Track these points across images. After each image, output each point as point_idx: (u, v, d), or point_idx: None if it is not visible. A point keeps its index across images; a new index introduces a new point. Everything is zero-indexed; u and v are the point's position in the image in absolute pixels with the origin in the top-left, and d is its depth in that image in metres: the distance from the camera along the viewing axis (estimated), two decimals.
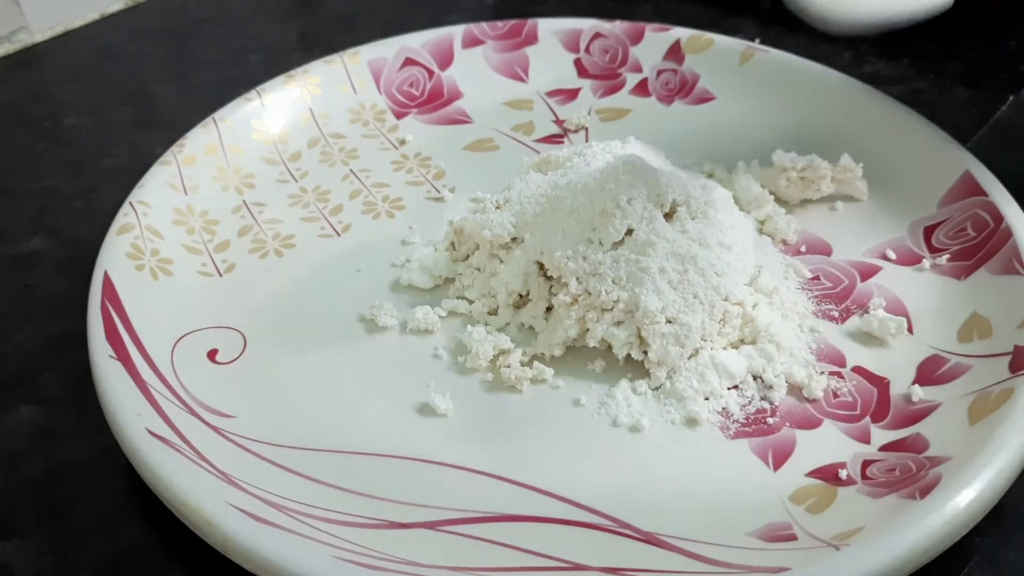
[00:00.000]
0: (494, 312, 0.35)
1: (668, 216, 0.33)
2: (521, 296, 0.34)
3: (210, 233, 0.38)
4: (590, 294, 0.32)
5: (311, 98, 0.44)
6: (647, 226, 0.32)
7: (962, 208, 0.36)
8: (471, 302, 0.35)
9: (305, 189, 0.41)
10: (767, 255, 0.36)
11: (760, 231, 0.38)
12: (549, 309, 0.34)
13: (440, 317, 0.34)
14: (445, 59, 0.47)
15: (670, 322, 0.32)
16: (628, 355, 0.32)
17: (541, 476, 0.29)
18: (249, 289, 0.36)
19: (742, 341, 0.33)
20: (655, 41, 0.46)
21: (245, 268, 0.37)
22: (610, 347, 0.32)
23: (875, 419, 0.30)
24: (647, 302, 0.31)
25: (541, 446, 0.30)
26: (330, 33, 0.55)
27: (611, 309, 0.32)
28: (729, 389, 0.32)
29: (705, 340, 0.32)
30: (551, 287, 0.34)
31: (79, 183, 0.43)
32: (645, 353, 0.32)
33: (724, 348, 0.32)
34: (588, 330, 0.32)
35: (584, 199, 0.33)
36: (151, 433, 0.27)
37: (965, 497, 0.25)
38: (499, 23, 0.47)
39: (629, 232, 0.32)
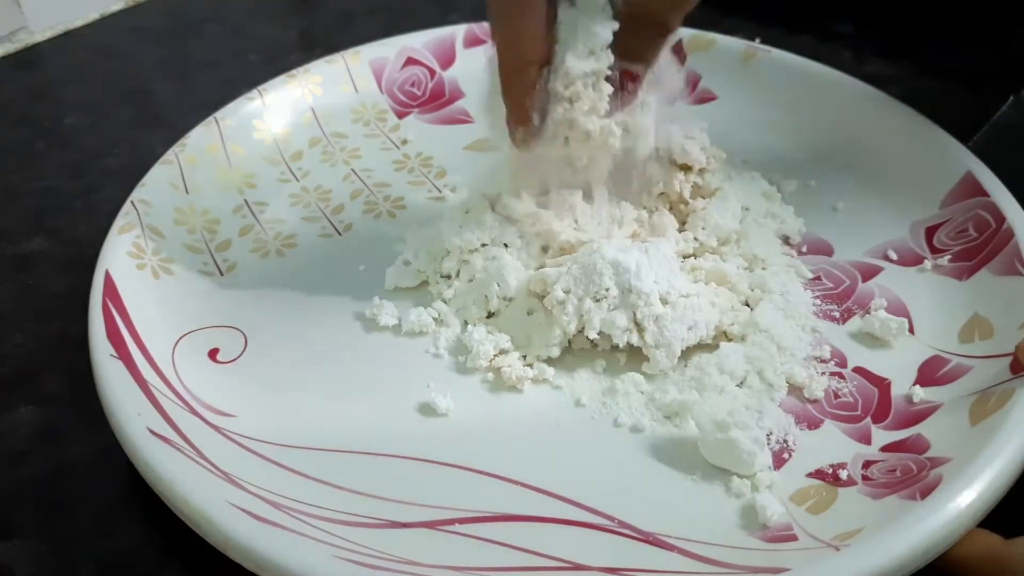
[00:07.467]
0: (493, 313, 0.34)
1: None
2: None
3: (211, 232, 0.38)
4: (581, 285, 0.32)
5: (312, 97, 0.44)
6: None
7: (964, 209, 0.36)
8: (470, 303, 0.35)
9: (306, 189, 0.41)
10: (770, 254, 0.36)
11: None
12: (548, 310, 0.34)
13: (440, 317, 0.34)
14: (447, 59, 0.46)
15: (664, 302, 0.32)
16: (628, 357, 0.32)
17: (541, 476, 0.29)
18: (250, 288, 0.36)
19: (743, 339, 0.33)
20: None
21: (246, 267, 0.37)
22: (612, 347, 0.32)
23: (876, 420, 0.30)
24: (638, 285, 0.31)
25: (541, 446, 0.30)
26: (330, 33, 0.55)
27: (605, 297, 0.32)
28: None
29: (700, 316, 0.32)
30: (546, 288, 0.33)
31: (79, 183, 0.43)
32: (644, 339, 0.32)
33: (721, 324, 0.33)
34: (586, 322, 0.32)
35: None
36: (152, 432, 0.27)
37: (966, 498, 0.25)
38: None
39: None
